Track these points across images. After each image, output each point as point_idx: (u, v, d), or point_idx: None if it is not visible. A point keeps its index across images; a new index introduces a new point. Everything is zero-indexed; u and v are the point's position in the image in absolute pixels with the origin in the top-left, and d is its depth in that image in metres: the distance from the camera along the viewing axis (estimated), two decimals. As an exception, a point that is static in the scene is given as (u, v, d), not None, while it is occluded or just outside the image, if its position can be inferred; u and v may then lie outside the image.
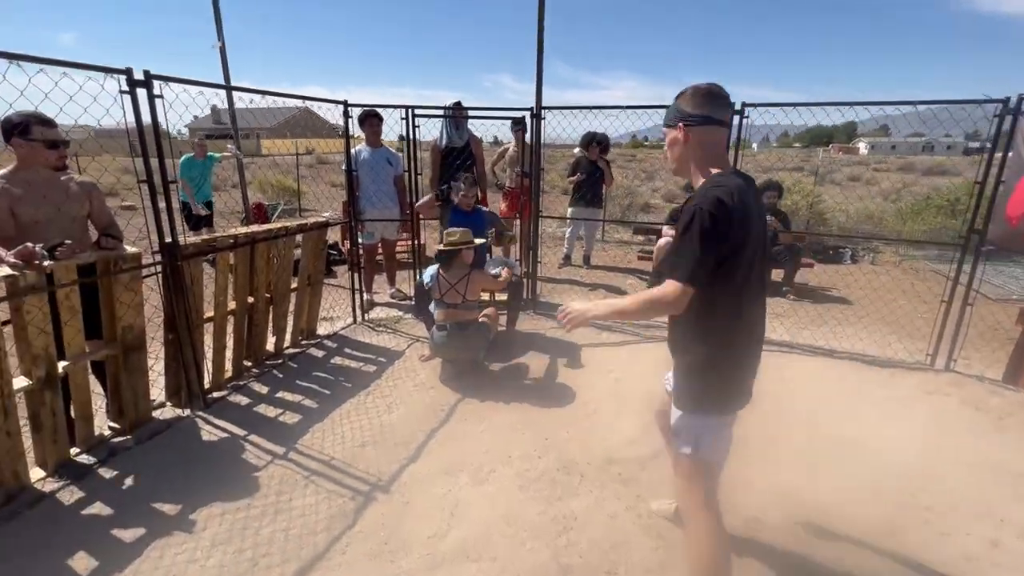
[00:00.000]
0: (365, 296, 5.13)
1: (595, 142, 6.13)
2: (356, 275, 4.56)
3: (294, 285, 3.95)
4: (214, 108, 5.00)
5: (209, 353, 3.29)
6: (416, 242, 4.73)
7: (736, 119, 3.96)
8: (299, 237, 3.85)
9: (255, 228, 3.43)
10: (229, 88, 4.12)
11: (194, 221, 6.39)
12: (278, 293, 3.72)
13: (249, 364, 3.65)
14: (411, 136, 4.27)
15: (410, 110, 4.20)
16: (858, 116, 3.82)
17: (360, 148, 4.90)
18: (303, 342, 4.16)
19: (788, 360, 3.93)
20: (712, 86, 1.57)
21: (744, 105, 3.92)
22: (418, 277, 4.62)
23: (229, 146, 6.21)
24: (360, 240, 5.05)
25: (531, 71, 4.43)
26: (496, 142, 6.55)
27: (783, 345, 4.21)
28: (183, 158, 6.12)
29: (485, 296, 4.13)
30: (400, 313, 4.92)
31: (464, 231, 3.54)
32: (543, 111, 4.45)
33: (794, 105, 3.84)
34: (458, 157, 4.97)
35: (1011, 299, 5.52)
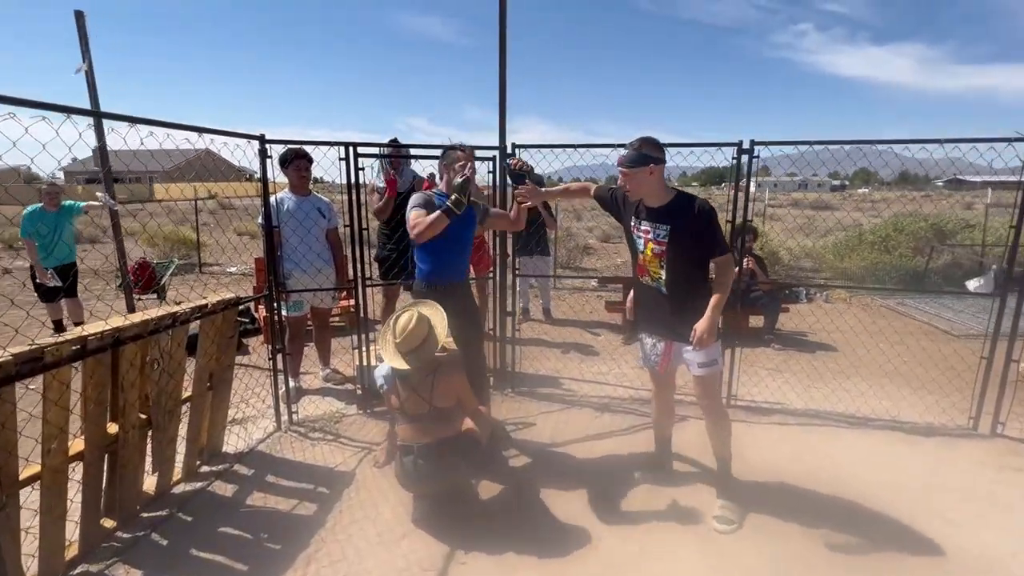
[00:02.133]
0: (291, 383, 3.88)
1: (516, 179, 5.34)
2: (278, 358, 3.32)
3: (187, 393, 2.69)
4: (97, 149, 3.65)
5: (36, 525, 1.97)
6: (362, 309, 3.59)
7: (744, 158, 3.39)
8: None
9: (121, 323, 2.19)
10: (96, 114, 2.86)
11: (44, 292, 4.75)
12: (161, 411, 2.46)
13: (112, 525, 2.33)
14: (353, 180, 3.23)
15: (351, 148, 3.17)
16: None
17: (283, 196, 3.76)
18: (203, 470, 2.86)
19: (828, 435, 3.28)
20: (655, 138, 2.37)
21: (753, 143, 3.34)
22: (363, 356, 3.49)
23: (98, 193, 4.72)
24: (284, 312, 3.84)
25: (447, 113, 3.63)
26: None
27: (809, 415, 3.57)
28: (27, 210, 4.54)
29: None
30: (341, 406, 3.71)
31: (409, 331, 2.39)
32: (516, 149, 3.61)
33: (807, 143, 3.34)
34: (401, 202, 3.98)
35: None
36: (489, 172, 3.61)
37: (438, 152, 3.81)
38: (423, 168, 4.49)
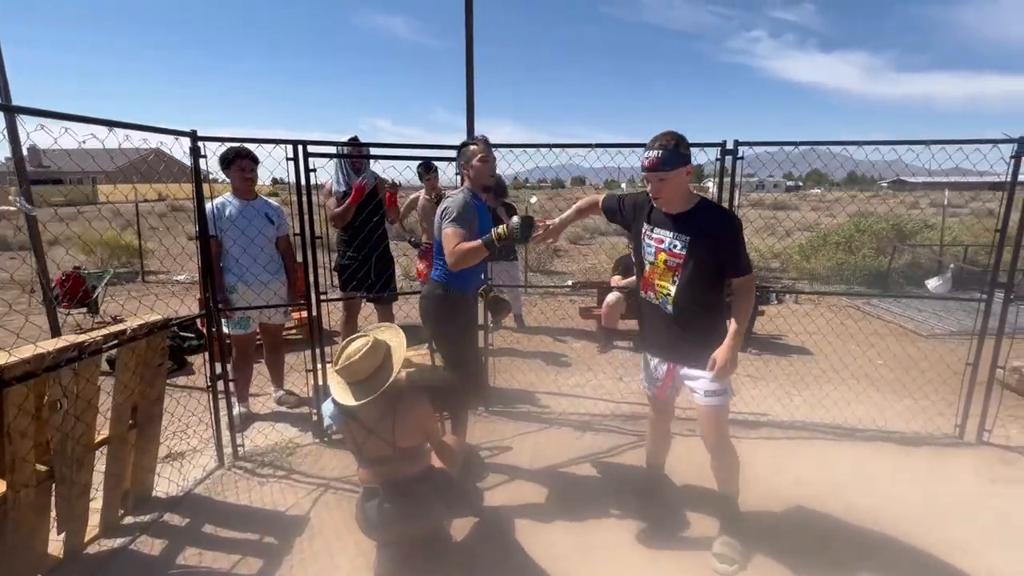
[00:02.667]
0: (236, 409, 3.46)
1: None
2: (219, 383, 2.90)
3: (103, 434, 2.27)
4: (33, 148, 3.11)
5: None
6: (316, 323, 3.20)
7: (728, 159, 3.20)
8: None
9: (3, 360, 1.77)
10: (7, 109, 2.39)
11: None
12: (67, 461, 2.03)
13: (3, 604, 1.89)
14: (303, 182, 2.86)
15: (300, 147, 2.80)
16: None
17: (224, 200, 3.34)
18: (127, 522, 2.43)
19: (819, 450, 3.12)
20: (680, 133, 2.02)
21: (737, 144, 3.16)
22: (318, 377, 3.12)
23: (11, 196, 4.15)
24: (226, 330, 3.42)
25: (413, 114, 3.33)
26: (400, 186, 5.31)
27: (796, 427, 3.42)
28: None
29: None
30: (295, 433, 3.31)
31: (354, 361, 2.02)
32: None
33: (791, 144, 3.17)
34: (360, 204, 3.62)
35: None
36: (457, 174, 3.29)
37: (402, 152, 3.49)
38: (383, 169, 4.13)
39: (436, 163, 4.46)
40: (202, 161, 2.63)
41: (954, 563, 2.20)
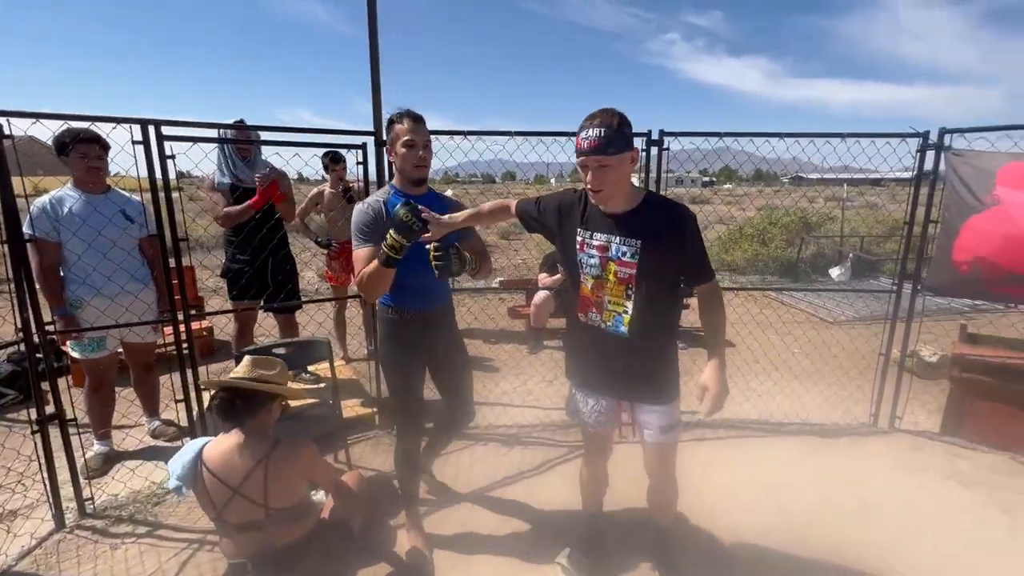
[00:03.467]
0: (94, 449, 2.86)
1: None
2: (50, 424, 2.30)
3: None
4: None
5: None
6: (189, 341, 2.65)
7: (654, 150, 3.02)
8: None
9: None
10: None
11: None
12: None
13: None
14: (157, 171, 2.31)
15: (152, 127, 2.25)
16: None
17: (61, 194, 2.69)
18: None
19: (750, 450, 3.05)
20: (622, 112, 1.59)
21: (663, 134, 2.99)
22: (191, 405, 2.60)
23: None
24: (75, 354, 2.79)
25: (335, 105, 2.88)
26: (301, 179, 4.72)
27: (727, 425, 3.34)
28: None
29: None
30: (168, 475, 2.75)
31: (267, 360, 1.81)
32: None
33: (715, 135, 3.05)
34: (247, 199, 3.09)
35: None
36: (359, 163, 2.86)
37: (303, 137, 2.98)
38: (285, 161, 3.58)
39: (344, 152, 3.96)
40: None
41: (880, 562, 2.14)
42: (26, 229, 2.59)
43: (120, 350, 2.96)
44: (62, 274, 2.72)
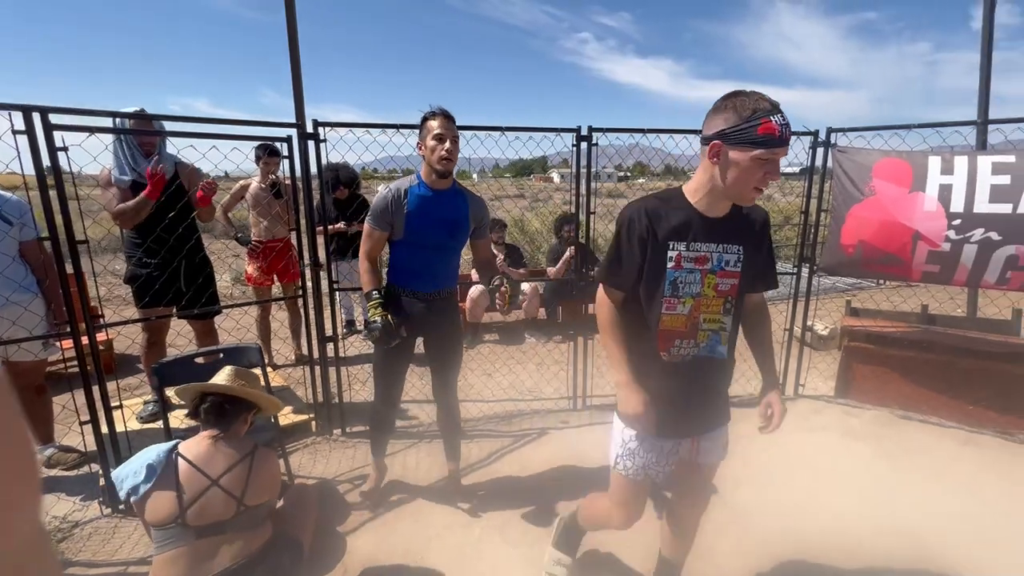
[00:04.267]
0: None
1: (339, 182, 4.41)
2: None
3: None
4: None
5: None
6: (93, 355, 2.36)
7: (584, 145, 3.13)
8: None
9: None
10: None
11: None
12: None
13: None
14: (45, 166, 2.03)
15: (38, 115, 1.97)
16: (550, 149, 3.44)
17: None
18: None
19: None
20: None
21: (591, 130, 3.10)
22: (98, 423, 2.34)
23: None
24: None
25: (236, 95, 2.72)
26: (226, 177, 4.36)
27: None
28: None
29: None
30: (71, 506, 2.43)
31: (248, 372, 1.91)
32: (319, 128, 2.77)
33: (641, 131, 3.21)
34: (165, 201, 2.81)
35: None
36: (284, 156, 2.70)
37: (208, 128, 2.73)
38: (194, 155, 3.24)
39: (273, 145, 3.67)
40: None
41: (790, 521, 2.40)
42: None
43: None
44: (-79, 285, 2.32)
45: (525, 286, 5.03)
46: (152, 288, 2.97)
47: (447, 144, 1.99)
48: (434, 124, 2.01)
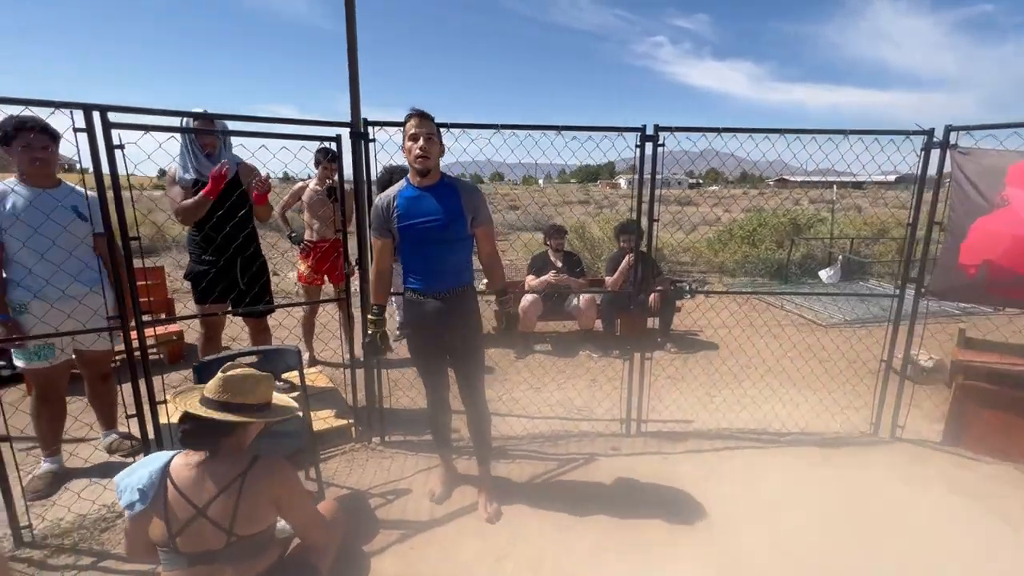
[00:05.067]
0: (41, 467, 2.61)
1: (392, 184, 4.36)
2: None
3: None
4: None
5: None
6: (141, 351, 2.41)
7: (649, 147, 2.84)
8: None
9: None
10: None
11: None
12: None
13: None
14: (102, 161, 2.06)
15: (98, 113, 2.01)
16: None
17: (5, 188, 2.44)
18: None
19: (749, 462, 2.87)
20: None
21: (658, 129, 2.81)
22: (145, 416, 2.36)
23: None
24: (19, 363, 2.54)
25: (320, 103, 2.67)
26: (287, 178, 4.47)
27: (723, 436, 3.17)
28: None
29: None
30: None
31: (242, 380, 1.56)
32: (370, 128, 2.69)
33: (713, 130, 2.87)
34: (223, 195, 2.85)
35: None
36: (328, 159, 2.64)
37: (261, 127, 2.73)
38: (251, 154, 3.29)
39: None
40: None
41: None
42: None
43: (73, 358, 2.71)
44: (5, 276, 2.47)
45: (581, 296, 4.76)
46: (209, 285, 3.04)
47: (420, 142, 2.03)
48: (409, 125, 2.06)
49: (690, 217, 13.35)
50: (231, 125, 2.94)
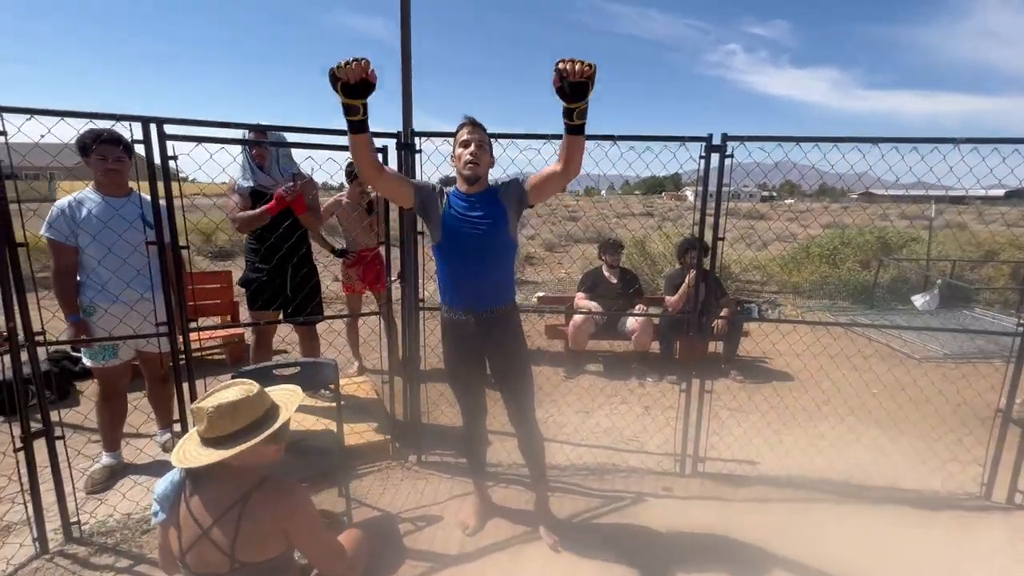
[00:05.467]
0: (101, 461, 2.73)
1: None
2: (37, 447, 2.14)
3: None
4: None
5: None
6: (186, 357, 2.46)
7: (715, 157, 2.57)
8: None
9: None
10: None
11: None
12: None
13: None
14: (157, 172, 2.12)
15: (155, 125, 2.06)
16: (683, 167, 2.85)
17: (82, 196, 2.59)
18: None
19: (826, 520, 2.48)
20: None
21: (726, 138, 2.54)
22: (189, 421, 2.38)
23: None
24: (87, 361, 2.68)
25: (390, 118, 2.62)
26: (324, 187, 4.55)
27: (793, 484, 2.79)
28: None
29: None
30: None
31: (236, 407, 1.41)
32: (415, 138, 2.62)
33: (788, 139, 2.56)
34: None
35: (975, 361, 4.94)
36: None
37: (326, 140, 2.73)
38: (314, 165, 3.33)
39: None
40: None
41: None
42: (43, 231, 2.52)
43: (135, 359, 2.83)
44: (79, 279, 2.62)
45: (637, 317, 4.47)
46: (261, 293, 3.10)
47: (472, 148, 1.97)
48: (462, 132, 2.01)
49: (761, 234, 12.51)
50: (290, 137, 2.99)
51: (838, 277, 6.95)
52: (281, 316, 3.22)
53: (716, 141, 2.55)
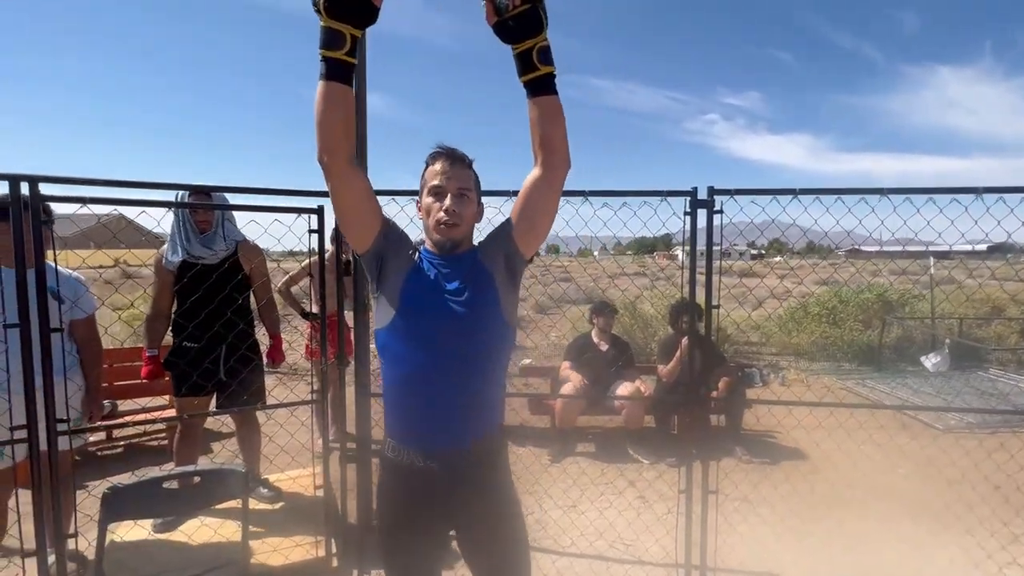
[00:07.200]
0: None
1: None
2: None
3: None
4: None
5: None
6: (50, 470, 1.93)
7: (702, 213, 2.22)
8: None
9: None
10: None
11: None
12: None
13: None
14: (21, 241, 1.72)
15: (27, 184, 1.69)
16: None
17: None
18: None
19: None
20: None
21: (712, 192, 2.20)
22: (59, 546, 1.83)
23: None
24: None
25: (384, 181, 2.30)
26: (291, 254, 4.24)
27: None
28: None
29: None
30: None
31: None
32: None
33: (783, 192, 2.22)
34: (204, 279, 2.49)
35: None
36: (312, 231, 2.23)
37: (245, 200, 2.39)
38: (256, 230, 2.93)
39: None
40: None
41: None
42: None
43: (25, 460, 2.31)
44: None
45: (625, 387, 3.98)
46: (188, 377, 2.62)
47: (448, 201, 1.24)
48: (432, 171, 1.27)
49: (753, 290, 12.18)
50: (234, 198, 2.66)
51: (840, 338, 6.52)
52: (213, 403, 2.74)
53: (702, 195, 2.21)
